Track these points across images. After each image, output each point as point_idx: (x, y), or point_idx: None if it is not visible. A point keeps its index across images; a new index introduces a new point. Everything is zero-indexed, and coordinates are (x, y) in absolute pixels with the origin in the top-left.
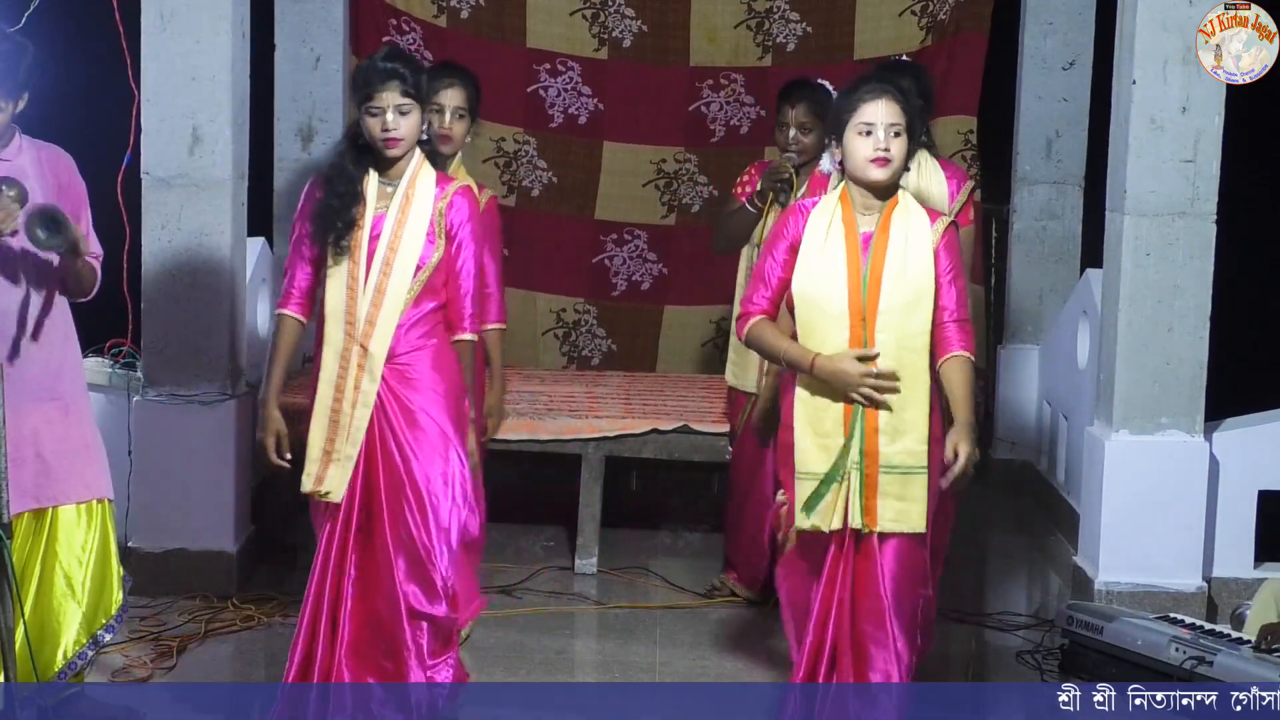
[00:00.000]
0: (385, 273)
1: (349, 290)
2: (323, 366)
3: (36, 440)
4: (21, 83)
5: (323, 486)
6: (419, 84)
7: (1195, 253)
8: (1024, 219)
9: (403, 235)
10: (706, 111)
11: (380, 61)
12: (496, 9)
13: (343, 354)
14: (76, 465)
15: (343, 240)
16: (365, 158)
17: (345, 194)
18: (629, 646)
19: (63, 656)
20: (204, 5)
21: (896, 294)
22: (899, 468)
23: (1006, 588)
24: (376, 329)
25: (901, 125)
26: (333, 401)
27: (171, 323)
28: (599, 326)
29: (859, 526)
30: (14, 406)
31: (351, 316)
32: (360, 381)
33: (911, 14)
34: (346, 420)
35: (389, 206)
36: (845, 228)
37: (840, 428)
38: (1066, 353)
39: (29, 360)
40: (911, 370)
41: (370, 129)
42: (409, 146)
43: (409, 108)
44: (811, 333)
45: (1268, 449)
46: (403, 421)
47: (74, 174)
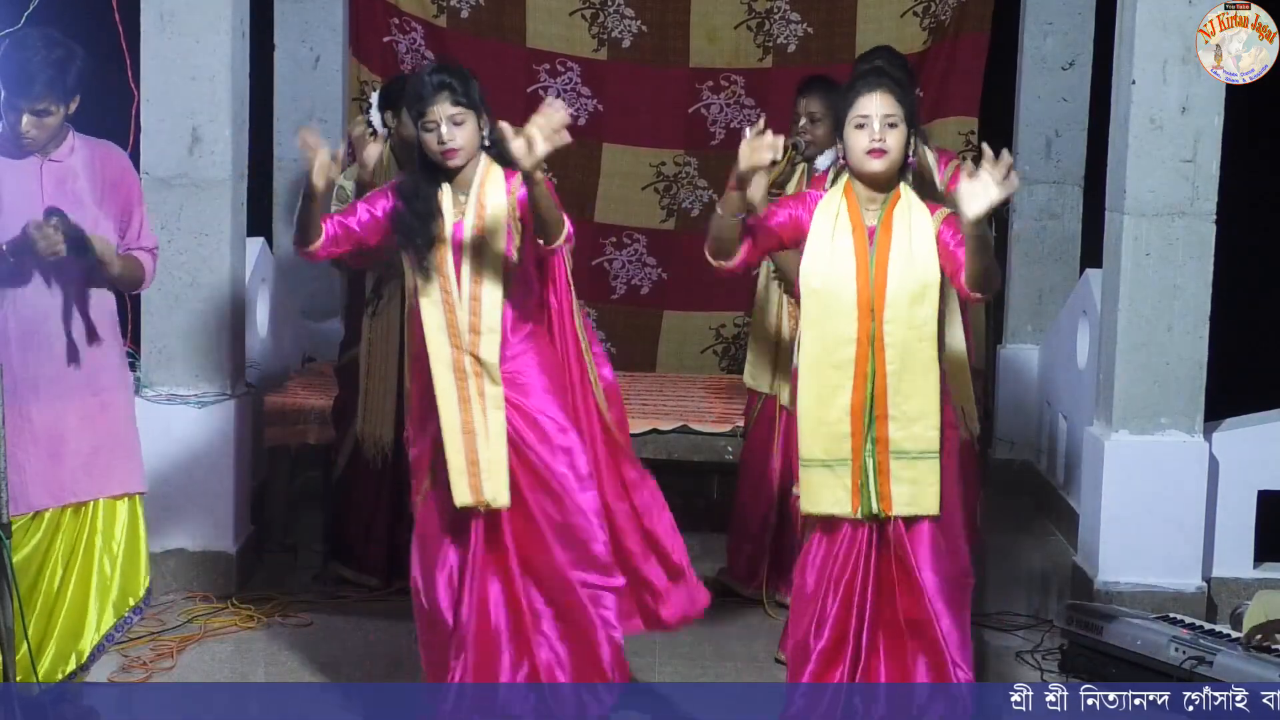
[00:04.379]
0: (476, 280)
1: (445, 305)
2: (438, 384)
3: (77, 436)
4: (72, 87)
5: (484, 496)
6: (469, 91)
7: (1195, 253)
8: (1023, 219)
9: (484, 239)
10: (707, 114)
11: (428, 76)
12: (496, 9)
13: (455, 367)
14: (114, 461)
15: (425, 261)
16: (438, 173)
17: (423, 212)
18: (629, 646)
19: (91, 643)
20: (204, 5)
21: (903, 286)
22: (909, 453)
23: (1006, 588)
24: (483, 336)
25: (898, 116)
26: (460, 414)
27: (171, 323)
28: (597, 330)
29: (875, 512)
30: (53, 402)
31: (455, 329)
32: (483, 389)
33: (913, 15)
34: (481, 428)
35: (464, 214)
36: (852, 222)
37: (846, 416)
38: (1066, 353)
39: (69, 357)
40: (920, 359)
41: (428, 144)
42: (469, 155)
43: (463, 117)
44: (820, 324)
45: (1268, 449)
46: (524, 423)
47: (126, 171)
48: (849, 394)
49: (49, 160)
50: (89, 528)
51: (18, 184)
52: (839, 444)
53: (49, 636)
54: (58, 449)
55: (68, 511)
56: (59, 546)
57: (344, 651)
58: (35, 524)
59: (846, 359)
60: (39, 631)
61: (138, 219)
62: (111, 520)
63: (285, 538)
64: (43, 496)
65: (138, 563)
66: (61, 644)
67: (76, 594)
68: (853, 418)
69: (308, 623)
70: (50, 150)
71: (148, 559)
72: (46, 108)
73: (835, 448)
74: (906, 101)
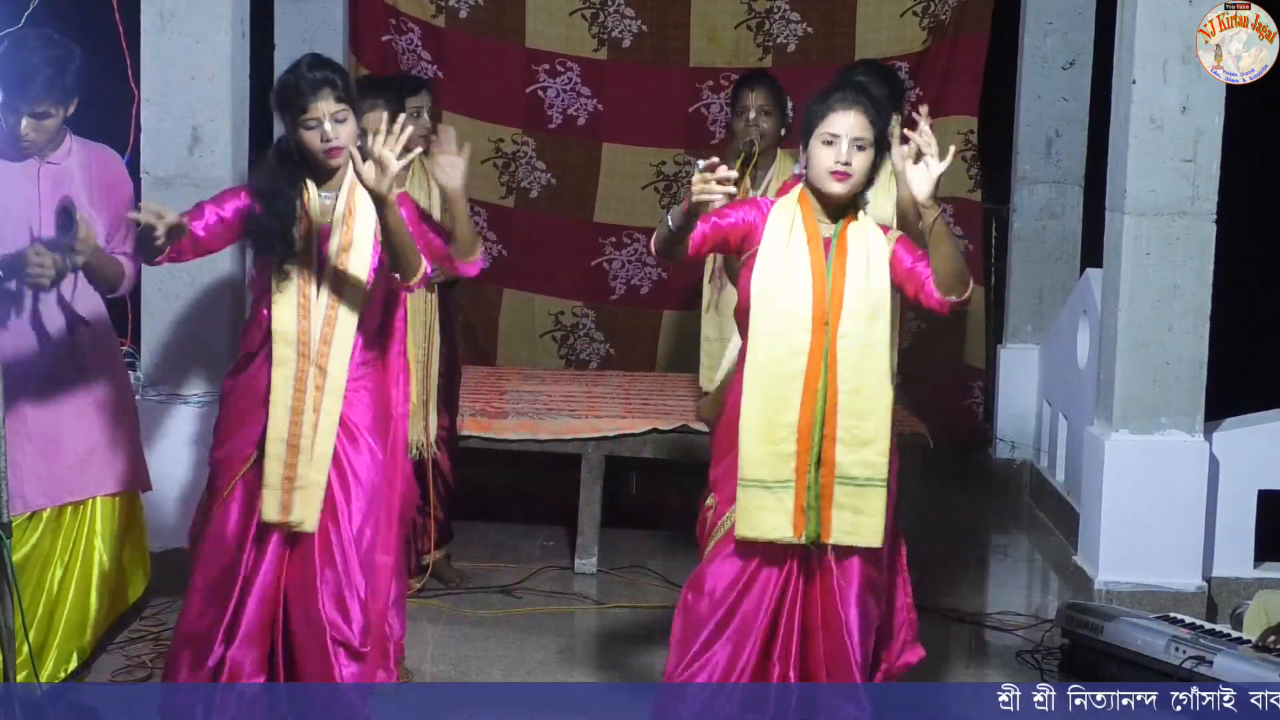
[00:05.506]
0: (336, 288)
1: (300, 309)
2: (274, 389)
3: (72, 435)
4: (70, 87)
5: (291, 516)
6: (349, 88)
7: (1195, 252)
8: (1024, 218)
9: (351, 247)
10: (707, 113)
11: (307, 71)
12: (495, 9)
13: (297, 377)
14: (111, 460)
15: (285, 263)
16: (300, 171)
17: (286, 214)
18: (629, 646)
19: (92, 642)
20: (204, 5)
21: (861, 300)
22: (856, 479)
23: (1006, 588)
24: (334, 347)
25: (867, 140)
26: (290, 425)
27: (171, 323)
28: (597, 330)
29: (812, 539)
30: (48, 400)
31: (305, 336)
32: (320, 404)
33: (913, 14)
34: (308, 444)
35: (332, 219)
36: (807, 231)
37: (793, 434)
38: (1066, 352)
39: (63, 355)
40: (874, 379)
41: (309, 142)
42: (349, 154)
43: (345, 114)
44: (770, 334)
45: (1268, 449)
46: (344, 440)
47: (120, 176)
48: (796, 411)
49: (46, 163)
50: (88, 527)
51: (15, 187)
52: (783, 464)
53: (51, 635)
54: (53, 448)
55: (66, 511)
56: (59, 546)
57: None
58: (33, 524)
59: (797, 371)
60: (40, 631)
61: (127, 224)
62: (111, 519)
63: None
64: (38, 496)
65: (139, 561)
66: (63, 643)
67: (78, 593)
68: (799, 436)
69: None
70: (48, 153)
71: (149, 558)
72: (45, 110)
73: (779, 468)
74: (879, 124)
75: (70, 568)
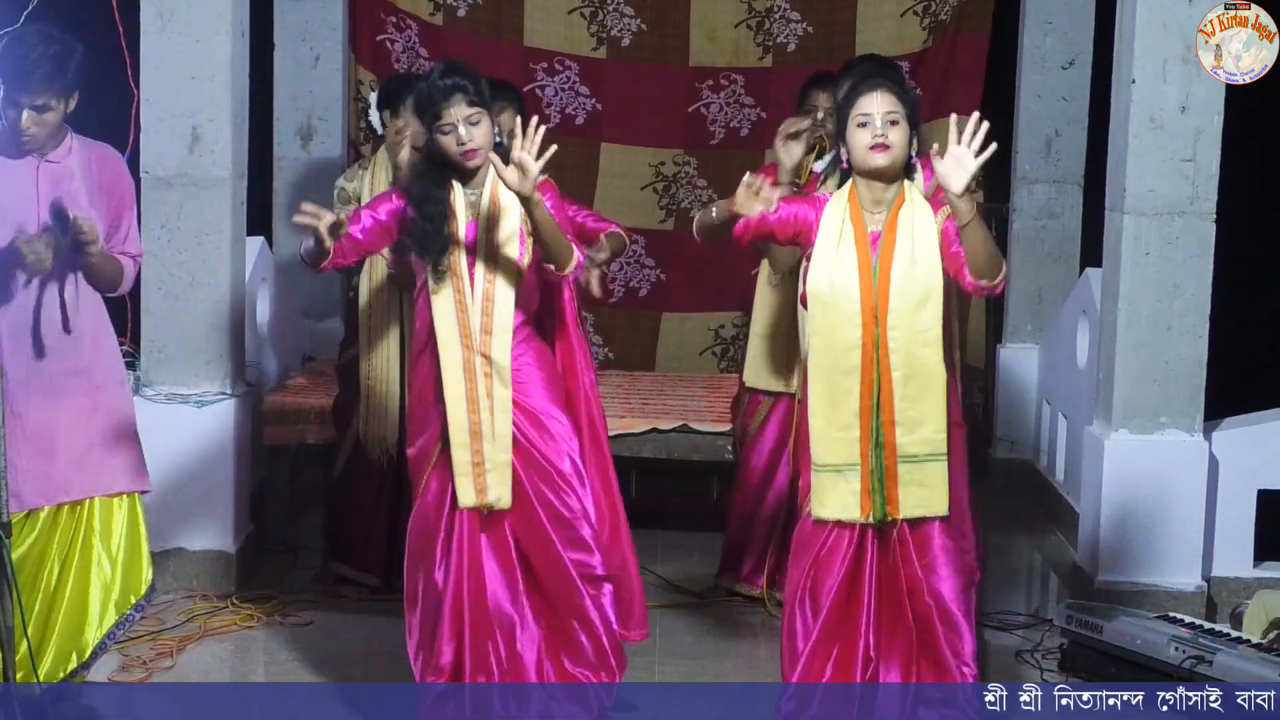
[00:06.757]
0: (490, 279)
1: (458, 304)
2: (447, 384)
3: (69, 434)
4: (70, 83)
5: (488, 498)
6: (481, 91)
7: (1195, 252)
8: (1023, 218)
9: (498, 238)
10: (706, 113)
11: (439, 79)
12: (494, 7)
13: (465, 367)
14: (109, 459)
15: (441, 264)
16: (446, 173)
17: (436, 215)
18: (629, 646)
19: (92, 642)
20: (204, 4)
21: (906, 292)
22: (916, 456)
23: (1006, 587)
24: (495, 336)
25: (900, 114)
26: (468, 415)
27: (171, 322)
28: (596, 333)
29: (879, 518)
30: (44, 400)
31: (466, 329)
32: (492, 390)
33: (913, 14)
34: (489, 429)
35: (478, 214)
36: (855, 229)
37: (857, 419)
38: (1066, 352)
39: (60, 355)
40: (924, 365)
41: (446, 147)
42: (486, 154)
43: (478, 116)
44: (827, 331)
45: (1268, 449)
46: (527, 422)
47: (120, 175)
48: (857, 399)
49: (46, 161)
50: (86, 527)
51: (14, 184)
52: (849, 449)
53: (49, 636)
54: (50, 447)
55: (64, 510)
56: (55, 545)
57: (344, 651)
58: (30, 523)
59: (853, 365)
60: (39, 631)
61: (127, 223)
62: (109, 519)
63: (285, 537)
64: (35, 495)
65: (139, 561)
66: (62, 643)
67: (75, 593)
68: (860, 422)
69: (307, 622)
70: (48, 151)
71: (149, 558)
72: (46, 102)
73: (846, 452)
74: (907, 100)
75: (67, 568)
